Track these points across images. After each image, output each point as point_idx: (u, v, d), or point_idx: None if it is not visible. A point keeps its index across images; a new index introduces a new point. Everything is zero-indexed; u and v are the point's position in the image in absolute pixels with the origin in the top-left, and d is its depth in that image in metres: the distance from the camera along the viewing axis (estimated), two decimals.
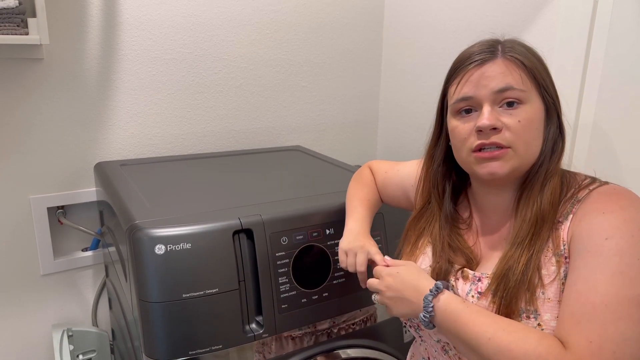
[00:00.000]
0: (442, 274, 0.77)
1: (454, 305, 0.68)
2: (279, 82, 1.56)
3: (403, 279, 0.74)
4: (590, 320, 0.58)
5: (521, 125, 0.67)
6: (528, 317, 0.66)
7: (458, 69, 0.73)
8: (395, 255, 0.87)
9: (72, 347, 1.27)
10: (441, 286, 0.69)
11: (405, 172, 0.94)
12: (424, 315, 0.69)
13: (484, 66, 0.69)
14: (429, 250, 0.82)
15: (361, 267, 0.84)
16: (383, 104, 1.77)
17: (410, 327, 0.83)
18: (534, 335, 0.61)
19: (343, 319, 1.04)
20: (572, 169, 0.76)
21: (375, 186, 1.00)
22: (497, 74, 0.68)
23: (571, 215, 0.67)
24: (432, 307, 0.69)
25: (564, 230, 0.67)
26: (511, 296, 0.67)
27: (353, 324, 1.06)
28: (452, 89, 0.74)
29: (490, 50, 0.70)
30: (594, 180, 0.70)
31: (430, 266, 0.80)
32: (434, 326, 0.70)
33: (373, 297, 0.80)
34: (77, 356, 1.33)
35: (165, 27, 1.34)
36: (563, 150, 0.72)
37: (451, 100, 0.74)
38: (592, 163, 1.07)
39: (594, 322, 0.58)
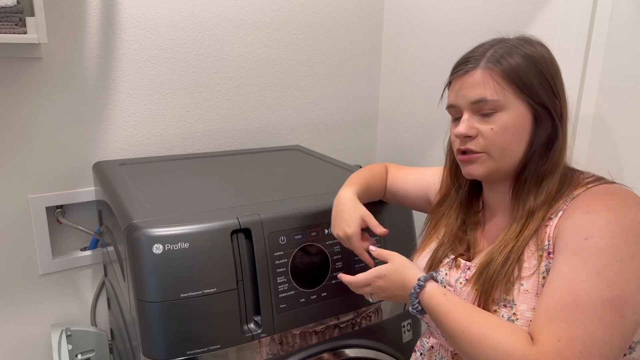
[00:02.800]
0: (435, 263, 0.83)
1: (435, 298, 0.72)
2: (279, 81, 1.55)
3: (391, 280, 0.79)
4: (561, 318, 0.59)
5: (494, 132, 0.71)
6: (505, 306, 0.69)
7: (450, 76, 0.78)
8: (410, 248, 0.88)
9: (70, 346, 1.27)
10: (423, 282, 0.73)
11: (430, 172, 0.98)
12: (411, 310, 0.75)
13: (463, 77, 0.74)
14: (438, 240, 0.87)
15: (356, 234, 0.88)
16: (383, 104, 1.76)
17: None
18: (504, 331, 0.63)
19: (350, 315, 1.04)
20: (573, 163, 0.77)
21: (385, 180, 1.02)
22: (473, 85, 0.72)
23: (561, 212, 0.68)
24: (418, 301, 0.74)
25: (552, 227, 0.68)
26: (489, 285, 0.70)
27: (359, 320, 1.06)
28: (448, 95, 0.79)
29: (477, 58, 0.73)
30: (598, 179, 0.71)
31: (429, 253, 0.85)
32: (426, 313, 0.74)
33: (369, 297, 0.84)
34: (76, 356, 1.33)
35: (164, 26, 1.34)
36: (559, 151, 0.72)
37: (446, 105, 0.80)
38: (592, 157, 1.07)
39: (564, 320, 0.59)
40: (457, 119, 0.77)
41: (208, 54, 1.42)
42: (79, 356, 1.34)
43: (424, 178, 0.98)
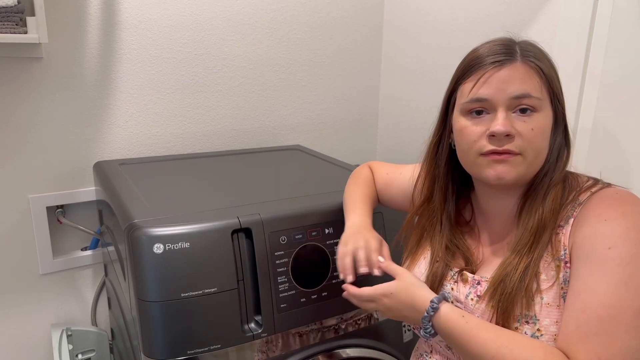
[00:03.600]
0: (437, 278, 0.77)
1: (452, 322, 0.68)
2: (279, 81, 1.55)
3: (399, 300, 0.73)
4: (597, 334, 0.58)
5: (534, 134, 0.67)
6: (527, 322, 0.66)
7: (474, 67, 0.69)
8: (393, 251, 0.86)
9: (71, 346, 1.27)
10: (437, 304, 0.69)
11: (409, 174, 0.92)
12: (424, 335, 0.70)
13: (502, 69, 0.67)
14: (428, 254, 0.82)
15: (361, 262, 0.79)
16: (383, 103, 1.76)
17: (414, 328, 0.84)
18: (538, 353, 0.60)
19: (351, 314, 1.04)
20: (573, 170, 0.75)
21: (374, 185, 0.99)
22: (516, 79, 0.66)
23: (572, 219, 0.66)
24: (431, 325, 0.70)
25: (565, 235, 0.66)
26: (508, 302, 0.67)
27: (359, 320, 1.06)
28: (465, 87, 0.70)
29: (509, 52, 0.68)
30: (596, 182, 0.70)
31: (426, 269, 0.80)
32: (436, 334, 0.71)
33: (374, 313, 0.80)
34: (76, 356, 1.33)
35: (165, 26, 1.34)
36: (568, 159, 0.71)
37: (463, 98, 0.71)
38: (592, 164, 1.07)
39: (601, 335, 0.58)
40: (475, 115, 0.70)
41: (208, 54, 1.42)
42: (80, 356, 1.34)
43: (405, 182, 0.93)
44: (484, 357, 0.63)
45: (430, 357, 0.83)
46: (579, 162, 1.09)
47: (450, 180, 0.81)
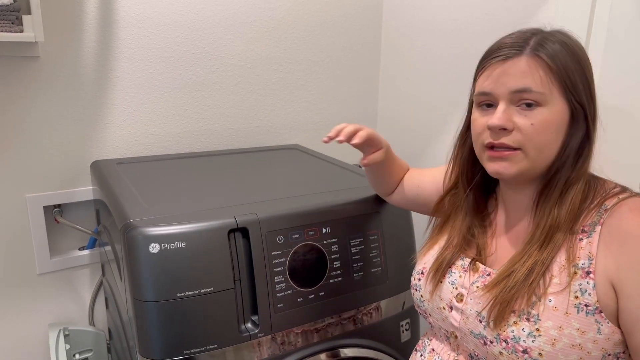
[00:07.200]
0: (445, 263, 0.77)
1: None
2: (277, 80, 1.55)
3: None
4: None
5: (534, 129, 0.65)
6: (527, 320, 0.65)
7: (484, 60, 0.71)
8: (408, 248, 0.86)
9: (68, 346, 1.27)
10: None
11: (441, 171, 0.91)
12: None
13: (506, 63, 0.67)
14: (444, 240, 0.82)
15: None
16: (382, 103, 1.76)
17: (420, 313, 0.84)
18: None
19: (347, 316, 1.03)
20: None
21: (403, 172, 1.00)
22: (517, 73, 0.66)
23: (599, 227, 0.65)
24: None
25: (592, 244, 0.64)
26: (510, 296, 0.66)
27: (358, 319, 1.06)
28: (477, 80, 0.72)
29: (520, 44, 0.67)
30: (624, 189, 0.68)
31: (437, 252, 0.80)
32: None
33: None
34: (74, 355, 1.33)
35: (163, 24, 1.34)
36: (589, 157, 0.69)
37: (475, 91, 0.73)
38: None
39: None
40: (485, 108, 0.70)
41: (206, 53, 1.41)
42: (77, 356, 1.33)
43: (440, 174, 0.91)
44: None
45: (429, 343, 0.83)
46: None
47: (475, 170, 0.80)
